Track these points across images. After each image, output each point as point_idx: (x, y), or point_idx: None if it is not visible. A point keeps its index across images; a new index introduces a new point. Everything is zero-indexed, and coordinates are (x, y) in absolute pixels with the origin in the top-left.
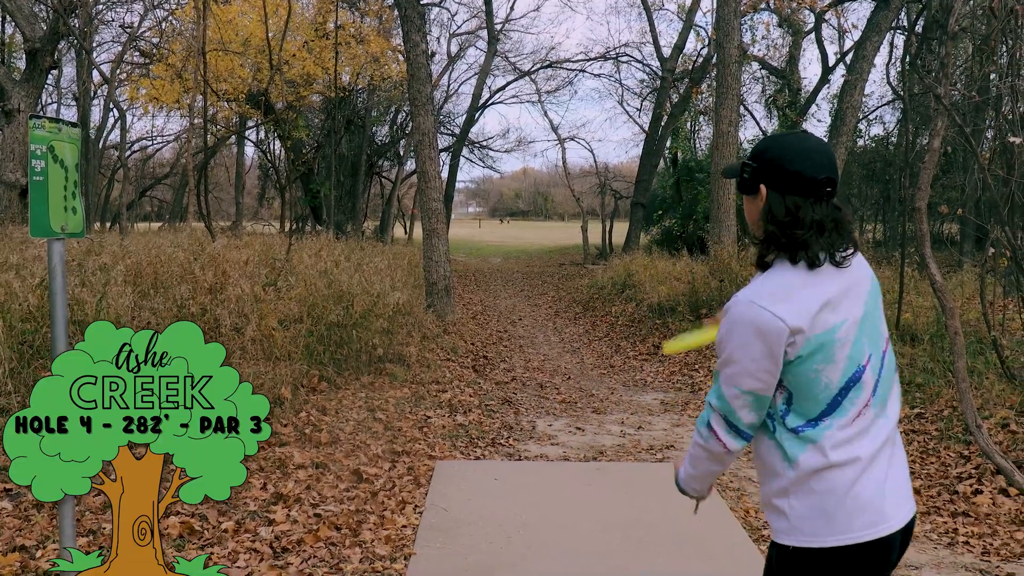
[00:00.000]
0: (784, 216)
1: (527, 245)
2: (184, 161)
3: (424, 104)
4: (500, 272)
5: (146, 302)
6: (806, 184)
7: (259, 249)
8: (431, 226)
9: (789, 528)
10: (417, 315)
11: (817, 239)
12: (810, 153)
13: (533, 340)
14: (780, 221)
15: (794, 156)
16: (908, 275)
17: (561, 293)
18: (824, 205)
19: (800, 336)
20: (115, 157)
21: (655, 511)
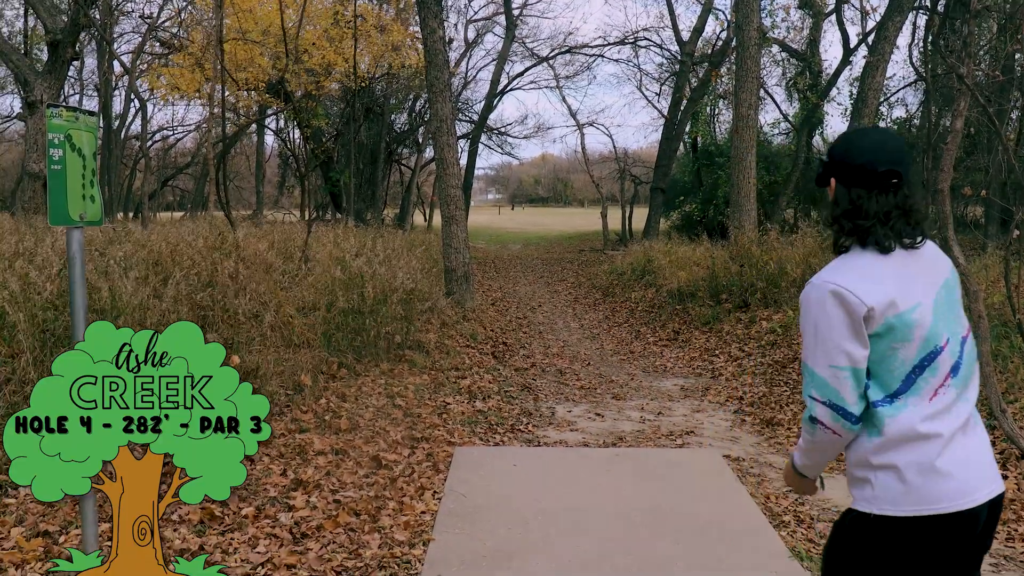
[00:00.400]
0: (848, 206)
1: (546, 231)
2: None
3: (442, 91)
4: (519, 259)
5: (166, 290)
6: (868, 176)
7: (279, 237)
8: (450, 213)
9: (872, 496)
10: (436, 302)
11: (881, 227)
12: (873, 147)
13: (552, 326)
14: (845, 211)
15: (857, 151)
16: None
17: (580, 279)
18: (889, 195)
19: (875, 313)
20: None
21: (675, 497)
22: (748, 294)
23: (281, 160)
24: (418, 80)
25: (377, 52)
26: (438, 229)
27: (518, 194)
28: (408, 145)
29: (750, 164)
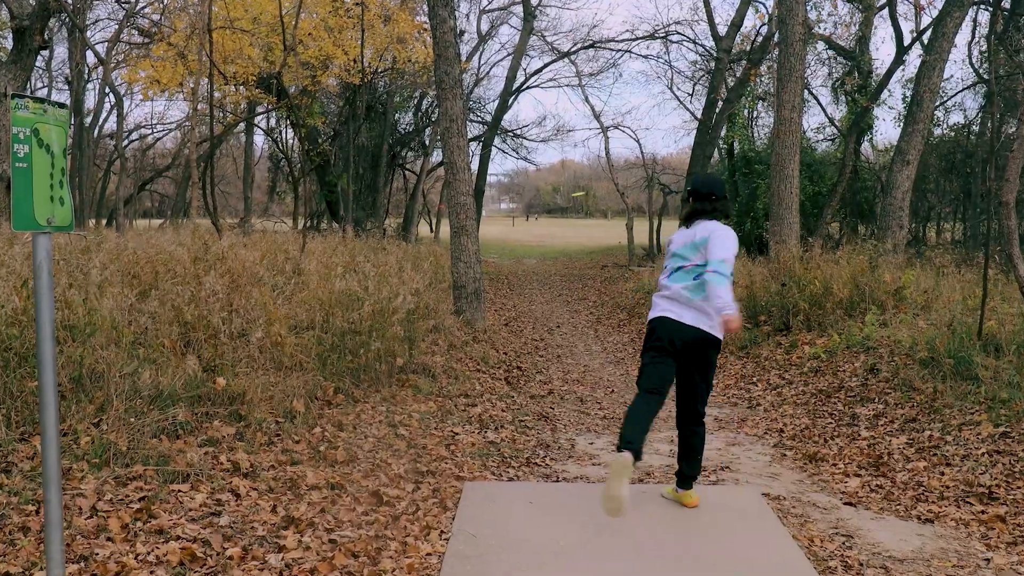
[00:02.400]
0: (692, 210)
1: (565, 245)
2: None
3: (452, 87)
4: (536, 274)
5: (144, 305)
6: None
7: (269, 248)
8: (460, 223)
9: None
10: (443, 321)
11: None
12: (701, 181)
13: (572, 349)
14: (693, 212)
15: (695, 183)
16: (992, 278)
17: (603, 298)
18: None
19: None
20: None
21: (708, 539)
22: (789, 316)
23: (272, 163)
24: (426, 76)
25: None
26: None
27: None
28: (413, 148)
29: (792, 172)
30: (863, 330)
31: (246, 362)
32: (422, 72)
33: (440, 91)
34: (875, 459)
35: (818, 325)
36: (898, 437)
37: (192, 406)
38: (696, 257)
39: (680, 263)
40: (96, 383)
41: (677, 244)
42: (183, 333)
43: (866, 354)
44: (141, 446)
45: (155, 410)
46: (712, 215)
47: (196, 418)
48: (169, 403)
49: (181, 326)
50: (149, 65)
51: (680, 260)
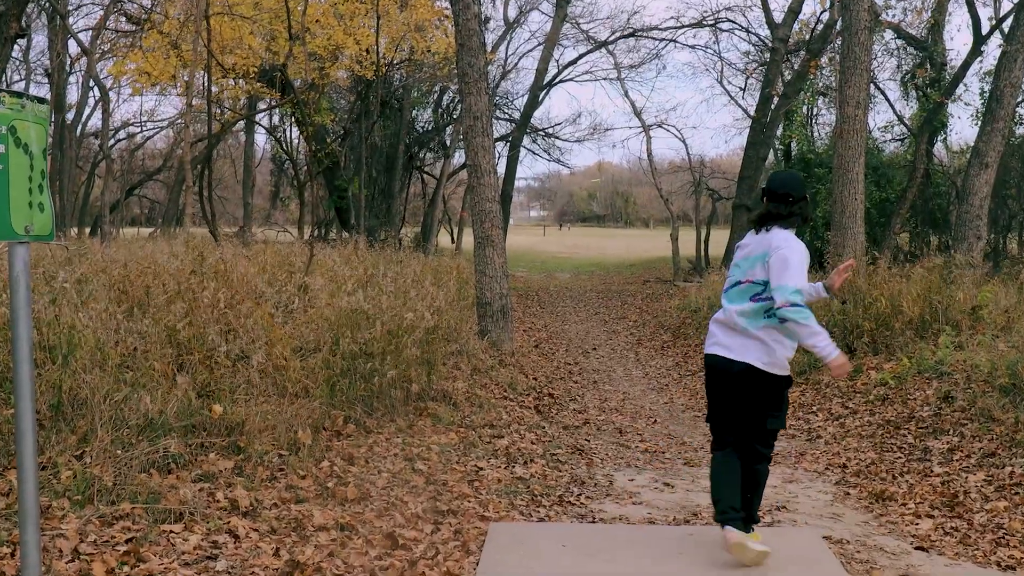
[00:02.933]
0: (766, 211)
1: (603, 257)
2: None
3: (477, 81)
4: (569, 290)
5: (132, 323)
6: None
7: (272, 260)
8: (484, 233)
9: None
10: (466, 343)
11: None
12: (779, 180)
13: (610, 374)
14: (764, 214)
15: (772, 182)
16: None
17: (645, 317)
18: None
19: None
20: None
21: None
22: (853, 338)
23: (275, 165)
24: (447, 68)
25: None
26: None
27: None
28: (433, 148)
29: (857, 176)
30: (936, 353)
31: (246, 388)
32: (443, 64)
33: (463, 85)
34: (950, 498)
35: (885, 348)
36: (975, 474)
37: (186, 437)
38: (756, 272)
39: (738, 277)
40: (79, 411)
41: (742, 252)
42: (176, 355)
43: (939, 380)
44: (129, 481)
45: (144, 441)
46: (787, 220)
47: (190, 450)
48: (160, 433)
49: (174, 347)
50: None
51: (738, 273)
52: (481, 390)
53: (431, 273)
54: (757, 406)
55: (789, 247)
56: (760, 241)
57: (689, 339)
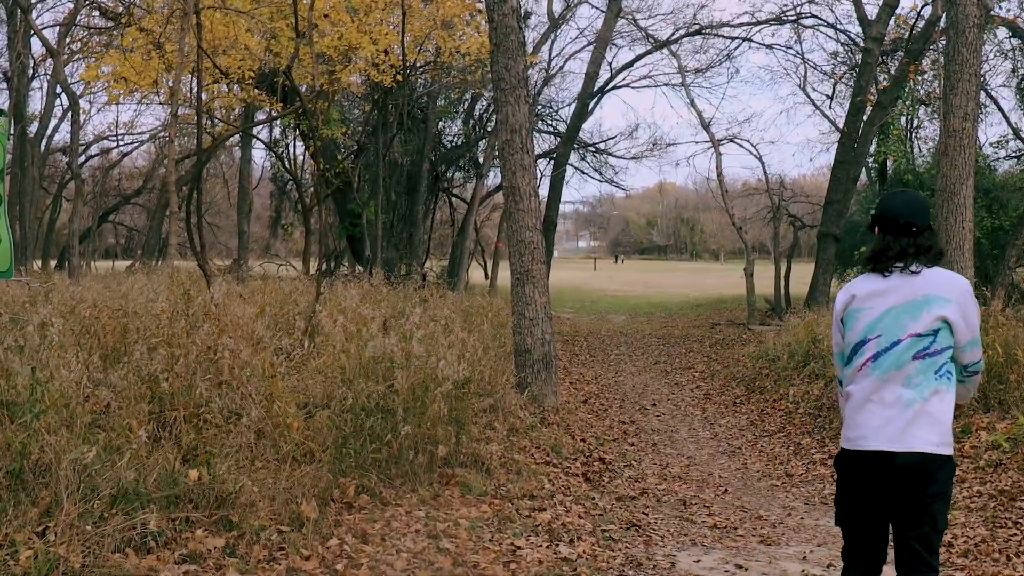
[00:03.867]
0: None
1: (664, 296)
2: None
3: (515, 87)
4: (624, 335)
5: (106, 374)
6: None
7: (272, 299)
8: (524, 267)
9: None
10: (502, 398)
11: None
12: (903, 205)
13: (672, 435)
14: (879, 250)
15: (893, 208)
16: None
17: (714, 367)
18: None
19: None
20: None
21: None
22: None
23: (275, 187)
24: (479, 72)
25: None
26: (505, 290)
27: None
28: (463, 167)
29: (965, 200)
30: None
31: (240, 451)
32: (475, 67)
33: (499, 92)
34: None
35: (998, 404)
36: None
37: (168, 509)
38: (920, 322)
39: (890, 339)
40: (41, 478)
41: (882, 303)
42: (157, 412)
43: None
44: (100, 563)
45: (119, 515)
46: (930, 256)
47: (173, 525)
48: (137, 506)
49: (155, 402)
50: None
51: (888, 332)
52: (519, 454)
53: (461, 315)
54: (925, 504)
55: (965, 287)
56: (911, 285)
57: (766, 393)
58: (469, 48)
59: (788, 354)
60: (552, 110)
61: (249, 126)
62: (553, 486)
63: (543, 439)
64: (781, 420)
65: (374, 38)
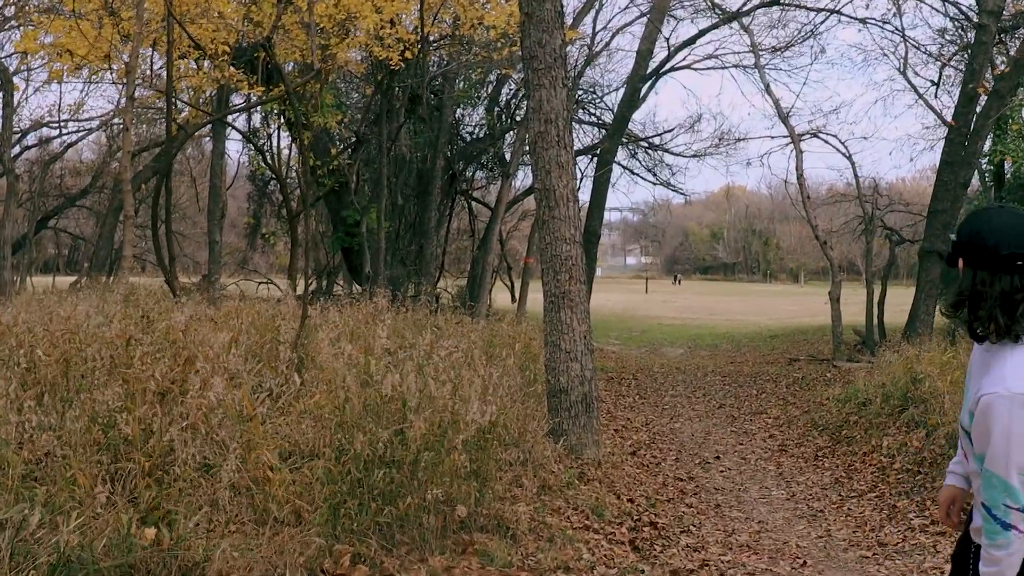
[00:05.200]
0: (969, 290)
1: (730, 325)
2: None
3: (550, 67)
4: (682, 372)
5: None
6: (992, 259)
7: (250, 324)
8: (559, 288)
9: None
10: (532, 447)
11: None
12: (1004, 228)
13: (740, 495)
14: (967, 295)
15: (989, 231)
16: None
17: (791, 412)
18: (1015, 277)
19: None
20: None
21: None
22: None
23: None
24: (507, 49)
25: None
26: (536, 316)
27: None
28: (485, 164)
29: None
30: None
31: (211, 510)
32: (501, 43)
33: (531, 73)
34: None
35: None
36: None
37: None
38: (969, 442)
39: (963, 443)
40: None
41: (968, 398)
42: (108, 461)
43: None
44: None
45: None
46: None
47: None
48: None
49: (106, 450)
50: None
51: (963, 436)
52: (552, 516)
53: (482, 345)
54: None
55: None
56: (980, 364)
57: (855, 444)
58: (495, 20)
59: (882, 397)
60: (596, 96)
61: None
62: (593, 556)
63: (581, 498)
64: (873, 477)
65: (378, 5)
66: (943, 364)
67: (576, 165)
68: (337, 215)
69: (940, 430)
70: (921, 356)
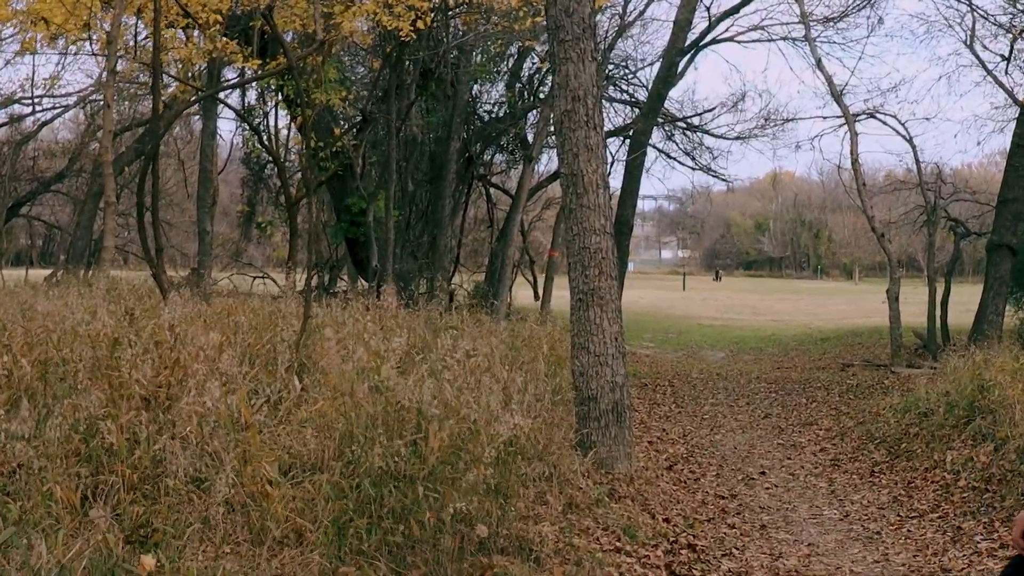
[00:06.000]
0: None
1: (778, 327)
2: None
3: (578, 39)
4: (724, 378)
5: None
6: None
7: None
8: (588, 284)
9: None
10: (558, 461)
11: None
12: None
13: (788, 515)
14: None
15: None
16: None
17: (845, 423)
18: None
19: None
20: None
21: None
22: None
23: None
24: (528, 19)
25: None
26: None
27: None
28: (505, 147)
29: None
30: None
31: (203, 528)
32: (523, 12)
33: (556, 45)
34: None
35: None
36: None
37: None
38: None
39: None
40: None
41: None
42: (89, 475)
43: None
44: None
45: None
46: None
47: None
48: None
49: (86, 462)
50: None
51: None
52: (580, 537)
53: (503, 348)
54: None
55: None
56: None
57: (915, 459)
58: None
59: (946, 407)
60: (628, 71)
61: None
62: None
63: (612, 518)
64: (935, 496)
65: None
66: (1015, 371)
67: (606, 148)
68: (340, 203)
69: (1010, 443)
70: (990, 361)
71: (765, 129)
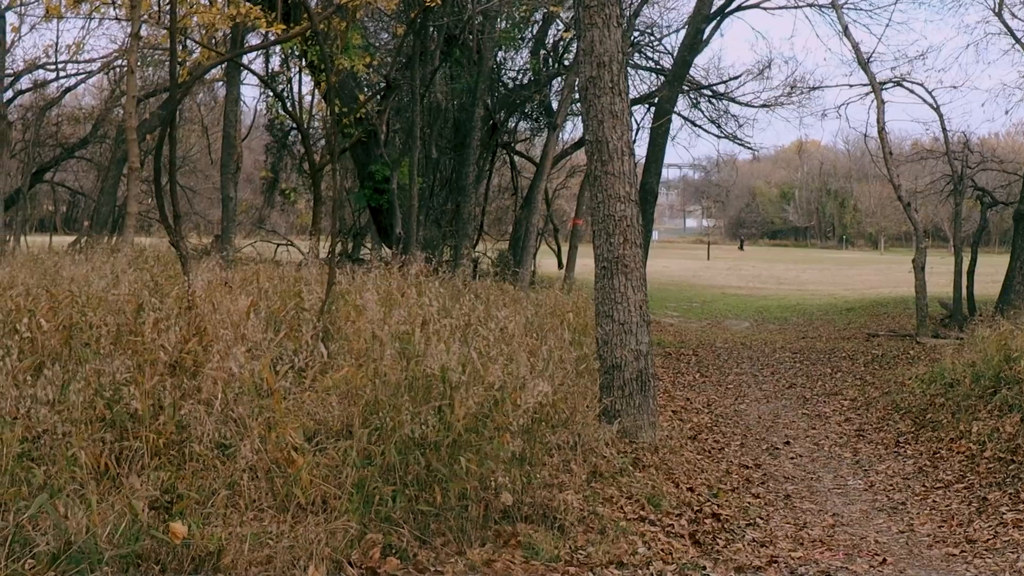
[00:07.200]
0: None
1: (803, 296)
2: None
3: (603, 5)
4: (748, 348)
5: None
6: None
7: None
8: (613, 252)
9: None
10: (582, 429)
11: None
12: None
13: (812, 485)
14: None
15: None
16: None
17: (870, 393)
18: None
19: None
20: None
21: None
22: None
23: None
24: None
25: None
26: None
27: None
28: (530, 114)
29: None
30: None
31: (229, 495)
32: None
33: (582, 11)
34: None
35: None
36: None
37: (128, 572)
38: None
39: None
40: None
41: None
42: (114, 440)
43: None
44: None
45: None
46: None
47: None
48: (88, 566)
49: (111, 428)
50: None
51: None
52: (604, 506)
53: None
54: None
55: None
56: None
57: (941, 429)
58: None
59: (972, 377)
60: (654, 38)
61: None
62: (650, 550)
63: (636, 487)
64: (961, 466)
65: None
66: None
67: (632, 115)
68: (364, 170)
69: None
70: (1016, 331)
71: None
